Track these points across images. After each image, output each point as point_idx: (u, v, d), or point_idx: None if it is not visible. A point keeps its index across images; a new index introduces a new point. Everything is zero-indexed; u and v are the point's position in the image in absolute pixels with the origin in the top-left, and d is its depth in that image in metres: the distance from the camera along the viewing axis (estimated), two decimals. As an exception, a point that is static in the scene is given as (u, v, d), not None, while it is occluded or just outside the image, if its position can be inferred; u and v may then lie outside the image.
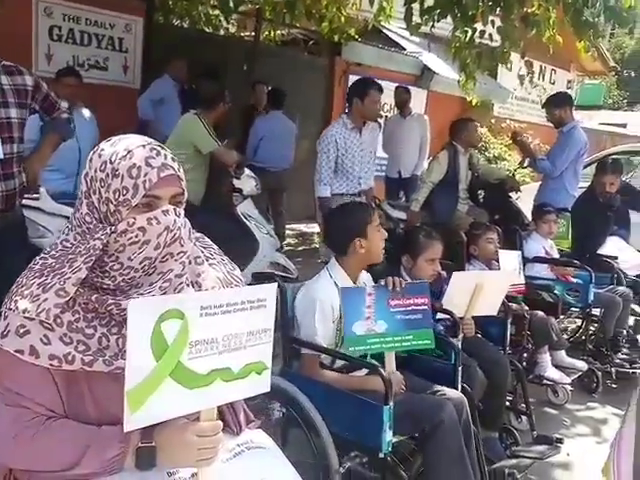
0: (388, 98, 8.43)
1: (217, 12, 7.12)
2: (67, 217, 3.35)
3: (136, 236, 1.15)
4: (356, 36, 7.71)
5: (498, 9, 5.31)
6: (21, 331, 1.10)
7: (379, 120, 4.52)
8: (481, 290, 2.38)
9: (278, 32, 7.56)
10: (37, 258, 1.20)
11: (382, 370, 1.80)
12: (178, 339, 1.07)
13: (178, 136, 3.72)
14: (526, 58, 5.98)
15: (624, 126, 16.83)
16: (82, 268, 1.12)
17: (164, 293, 1.19)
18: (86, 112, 3.96)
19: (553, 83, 12.02)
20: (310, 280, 2.15)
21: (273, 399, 1.89)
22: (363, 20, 8.14)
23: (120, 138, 1.22)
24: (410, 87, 6.68)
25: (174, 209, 1.18)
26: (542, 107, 4.82)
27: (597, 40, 5.83)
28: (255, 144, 5.42)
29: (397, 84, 6.80)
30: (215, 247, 1.42)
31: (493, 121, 10.15)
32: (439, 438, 1.82)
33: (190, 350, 1.08)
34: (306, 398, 1.84)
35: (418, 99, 8.40)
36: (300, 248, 6.29)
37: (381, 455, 1.74)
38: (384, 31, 8.98)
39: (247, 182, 3.97)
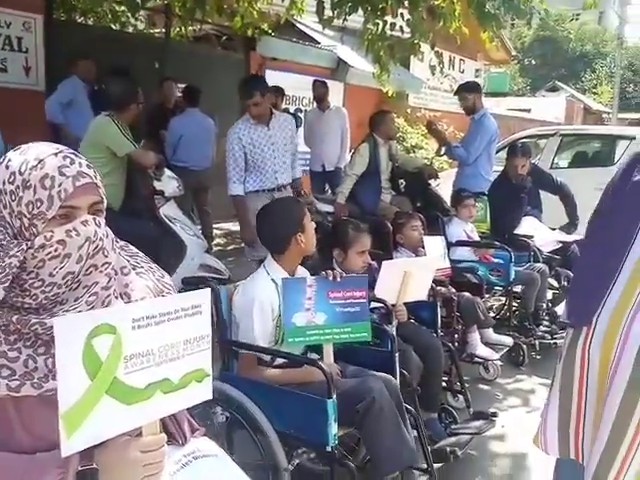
0: (306, 92, 8.52)
1: (123, 8, 6.83)
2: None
3: (55, 250, 1.07)
4: (270, 31, 7.67)
5: (406, 2, 5.46)
6: None
7: (301, 112, 4.51)
8: (410, 277, 2.44)
9: (189, 28, 7.35)
10: None
11: (322, 364, 1.79)
12: (111, 355, 1.01)
13: (91, 140, 3.53)
14: (436, 49, 6.19)
15: (529, 111, 17.90)
16: None
17: (92, 307, 1.12)
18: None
19: (462, 72, 12.54)
20: (247, 279, 2.12)
21: (215, 403, 1.84)
22: (276, 15, 8.11)
23: (29, 147, 1.13)
24: (327, 80, 6.73)
25: (94, 219, 1.12)
26: (454, 94, 5.00)
27: (499, 31, 6.14)
28: (174, 143, 5.27)
29: (314, 78, 6.82)
30: (141, 255, 1.36)
31: (409, 111, 10.45)
32: (373, 415, 1.84)
33: (125, 365, 1.03)
34: (248, 399, 1.82)
35: (335, 92, 8.47)
36: (230, 247, 6.20)
37: (328, 449, 1.74)
38: (297, 25, 9.00)
39: (168, 183, 3.84)
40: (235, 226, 7.01)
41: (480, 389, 3.18)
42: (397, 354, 2.15)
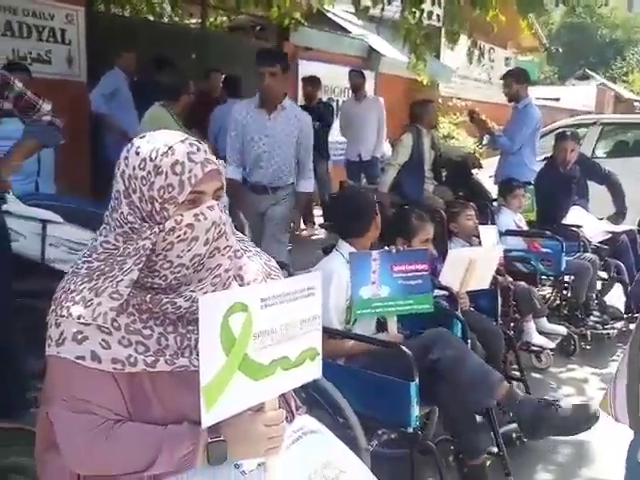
0: (338, 81, 8.51)
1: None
2: (38, 219, 3.19)
3: (184, 233, 1.12)
4: (303, 20, 7.66)
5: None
6: (79, 337, 1.06)
7: (333, 102, 4.34)
8: (475, 265, 2.46)
9: (224, 18, 7.38)
10: (79, 262, 1.15)
11: (404, 347, 1.83)
12: (243, 332, 1.06)
13: (147, 130, 3.56)
14: (472, 37, 6.13)
15: (557, 100, 17.60)
16: (134, 269, 1.09)
17: (215, 289, 1.18)
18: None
19: (492, 61, 12.37)
20: (322, 262, 2.20)
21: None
22: (307, 4, 8.10)
23: (154, 134, 1.19)
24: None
25: (217, 204, 1.17)
26: (501, 79, 4.95)
27: (540, 18, 6.06)
28: (215, 133, 5.32)
29: (346, 67, 6.82)
30: (247, 240, 1.41)
31: (440, 100, 10.36)
32: (447, 351, 1.94)
33: (254, 342, 1.08)
34: (328, 382, 1.85)
35: (367, 81, 8.47)
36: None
37: (410, 430, 1.78)
38: (328, 15, 8.98)
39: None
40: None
41: (533, 378, 3.18)
42: (469, 340, 2.17)
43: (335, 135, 6.80)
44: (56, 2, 5.48)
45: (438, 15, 6.40)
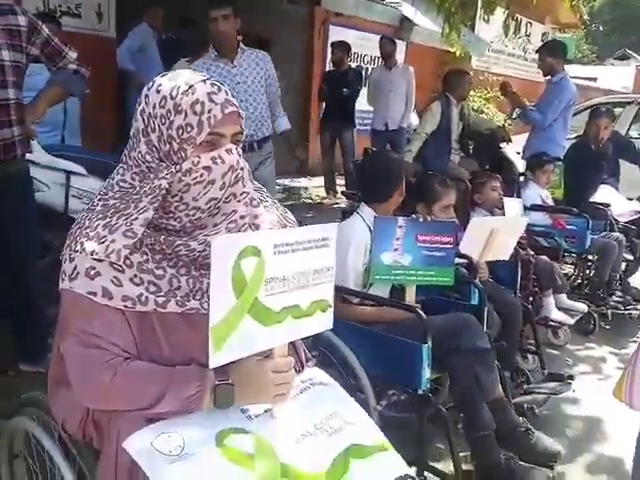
0: (368, 49, 8.34)
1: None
2: (62, 170, 3.20)
3: (201, 175, 1.11)
4: (335, -16, 7.49)
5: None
6: (92, 273, 1.06)
7: (362, 69, 4.24)
8: (496, 236, 2.40)
9: (256, -21, 7.23)
10: (95, 199, 1.15)
11: (419, 311, 1.81)
12: (255, 276, 1.05)
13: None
14: (503, 10, 5.92)
15: (594, 80, 17.02)
16: (149, 208, 1.08)
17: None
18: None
19: (528, 35, 11.99)
20: (341, 224, 2.16)
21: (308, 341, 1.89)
22: (341, -32, 7.89)
23: (177, 73, 1.16)
24: (389, 38, 6.56)
25: (236, 148, 1.15)
26: (536, 52, 4.78)
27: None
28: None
29: (376, 35, 6.66)
30: (265, 190, 1.39)
31: (472, 74, 10.09)
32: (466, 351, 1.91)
33: (266, 287, 1.08)
34: (340, 340, 1.85)
35: (398, 50, 8.28)
36: (288, 203, 6.23)
37: (420, 392, 1.78)
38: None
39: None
40: (292, 182, 7.08)
41: (549, 353, 3.14)
42: (485, 308, 2.14)
43: (362, 104, 6.69)
44: (86, -46, 5.43)
45: (477, -16, 6.19)
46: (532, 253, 3.03)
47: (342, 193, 6.22)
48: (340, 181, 6.55)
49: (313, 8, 7.68)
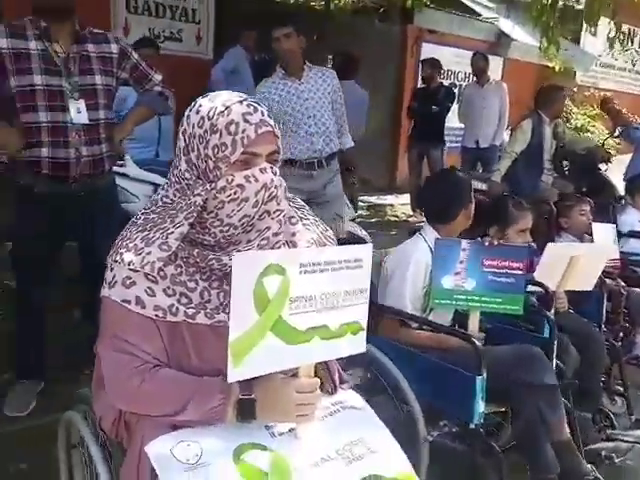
0: (463, 66, 8.16)
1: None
2: (151, 183, 3.42)
3: (235, 193, 1.12)
4: (428, 2, 7.42)
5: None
6: (127, 282, 1.11)
7: (455, 87, 4.14)
8: (577, 263, 2.22)
9: (349, 0, 7.36)
10: (139, 213, 1.20)
11: (475, 340, 1.71)
12: (279, 294, 1.05)
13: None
14: (615, 19, 5.53)
15: None
16: (184, 223, 1.11)
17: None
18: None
19: (641, 47, 11.15)
20: (403, 244, 2.11)
21: (360, 364, 1.85)
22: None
23: (217, 94, 1.19)
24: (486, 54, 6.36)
25: (271, 167, 1.15)
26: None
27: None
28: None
29: (471, 51, 6.48)
30: (307, 208, 1.39)
31: (575, 90, 9.55)
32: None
33: (290, 306, 1.07)
34: (394, 365, 1.79)
35: (493, 67, 8.01)
36: (373, 220, 6.20)
37: (472, 426, 1.68)
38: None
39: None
40: (379, 200, 7.04)
41: (642, 397, 2.84)
42: (555, 342, 1.98)
43: (453, 121, 6.54)
44: (190, -17, 5.81)
45: (575, -5, 5.88)
46: (623, 284, 2.76)
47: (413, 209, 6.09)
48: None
49: (406, 26, 7.65)
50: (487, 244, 2.00)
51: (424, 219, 2.20)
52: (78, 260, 2.49)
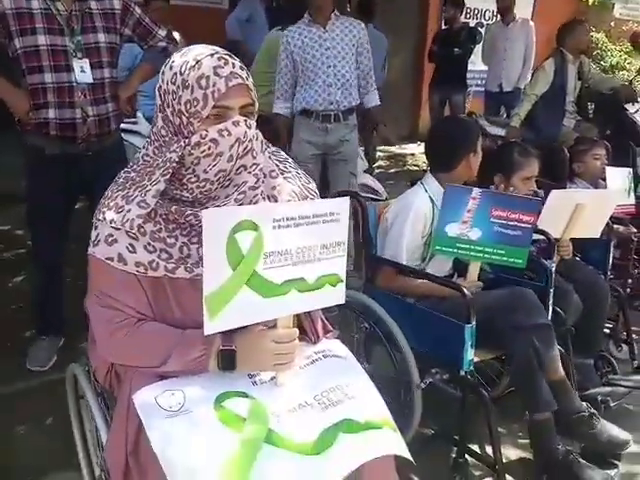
0: (489, 4, 7.76)
1: None
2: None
3: (209, 148, 1.15)
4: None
5: None
6: (109, 240, 1.16)
7: (482, 27, 3.90)
8: (582, 210, 2.19)
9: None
10: (121, 172, 1.24)
11: (465, 289, 1.73)
12: (253, 250, 1.09)
13: (264, 54, 3.65)
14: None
15: None
16: (160, 180, 1.15)
17: (241, 205, 1.20)
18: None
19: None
20: (403, 194, 2.12)
21: (356, 314, 1.91)
22: None
23: (190, 48, 1.20)
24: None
25: (245, 120, 1.17)
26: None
27: None
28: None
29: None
30: (290, 160, 1.40)
31: (612, 24, 9.01)
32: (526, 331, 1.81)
33: (265, 260, 1.10)
34: (387, 315, 1.84)
35: (524, 3, 7.61)
36: (391, 170, 6.15)
37: (462, 373, 1.73)
38: None
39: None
40: (400, 149, 6.93)
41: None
42: (552, 290, 1.99)
43: (479, 64, 6.30)
44: None
45: None
46: (634, 230, 2.71)
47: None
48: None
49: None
50: (498, 192, 1.96)
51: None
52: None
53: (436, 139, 2.15)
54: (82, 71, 2.22)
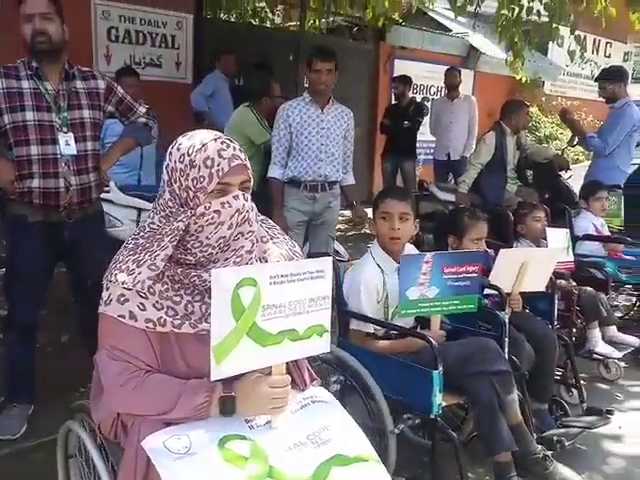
0: (435, 81, 8.46)
1: (263, 4, 7.27)
2: (134, 207, 3.59)
3: (212, 218, 1.32)
4: (400, 20, 7.72)
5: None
6: (121, 299, 1.30)
7: (428, 101, 4.32)
8: (528, 267, 2.45)
9: (323, 20, 7.64)
10: (130, 239, 1.40)
11: (431, 339, 1.92)
12: (253, 303, 1.25)
13: (232, 128, 3.90)
14: (577, 32, 5.84)
15: (687, 98, 15.97)
16: (168, 246, 1.31)
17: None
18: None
19: (608, 57, 11.59)
20: (357, 262, 2.30)
21: (332, 367, 2.05)
22: (407, 3, 8.13)
23: (195, 133, 1.39)
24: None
25: (243, 194, 1.35)
26: (595, 81, 4.74)
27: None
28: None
29: (443, 66, 6.77)
30: (278, 228, 1.59)
31: (544, 99, 9.93)
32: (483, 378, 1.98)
33: (263, 313, 1.26)
34: (361, 365, 1.99)
35: (465, 80, 8.30)
36: (350, 233, 6.42)
37: (432, 416, 1.88)
38: (429, 13, 8.94)
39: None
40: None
41: (599, 388, 3.08)
42: (507, 339, 2.20)
43: (428, 135, 6.82)
44: (168, 11, 6.03)
45: (539, 10, 6.18)
46: (574, 284, 3.00)
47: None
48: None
49: (378, 44, 7.94)
50: (447, 252, 2.19)
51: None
52: (68, 284, 2.62)
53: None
54: (67, 144, 2.36)
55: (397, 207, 2.21)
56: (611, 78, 4.41)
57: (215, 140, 1.35)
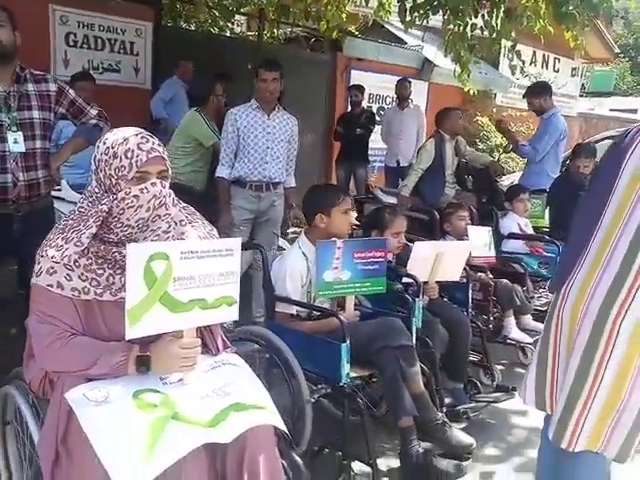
0: (391, 91, 8.78)
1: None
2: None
3: (132, 202, 1.52)
4: (356, 32, 8.02)
5: (487, 2, 5.57)
6: (50, 271, 1.49)
7: (383, 110, 4.48)
8: (442, 258, 2.72)
9: (281, 31, 7.89)
10: (62, 220, 1.59)
11: (341, 315, 2.17)
12: (164, 274, 1.45)
13: (182, 131, 4.10)
14: (518, 48, 6.22)
15: (634, 112, 16.81)
16: (93, 226, 1.50)
17: None
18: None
19: (557, 71, 12.17)
20: (283, 254, 2.53)
21: (260, 345, 2.26)
22: (364, 16, 8.46)
23: (120, 129, 1.60)
24: (412, 79, 6.97)
25: (160, 182, 1.56)
26: (523, 97, 5.10)
27: (581, 31, 6.06)
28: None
29: (399, 77, 7.07)
30: (198, 214, 1.79)
31: (495, 110, 10.38)
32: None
33: (174, 283, 1.47)
34: (284, 344, 2.20)
35: (419, 91, 8.68)
36: (291, 230, 6.64)
37: (341, 384, 2.12)
38: (385, 26, 9.29)
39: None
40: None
41: (516, 372, 3.36)
42: (416, 319, 2.45)
43: (380, 142, 7.11)
44: (128, 18, 6.19)
45: (481, 27, 6.56)
46: (491, 276, 3.29)
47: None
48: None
49: (335, 55, 8.23)
50: (355, 239, 2.44)
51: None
52: (14, 279, 2.73)
53: (306, 196, 2.61)
54: (15, 142, 2.52)
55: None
56: (537, 92, 4.77)
57: (136, 135, 1.56)
